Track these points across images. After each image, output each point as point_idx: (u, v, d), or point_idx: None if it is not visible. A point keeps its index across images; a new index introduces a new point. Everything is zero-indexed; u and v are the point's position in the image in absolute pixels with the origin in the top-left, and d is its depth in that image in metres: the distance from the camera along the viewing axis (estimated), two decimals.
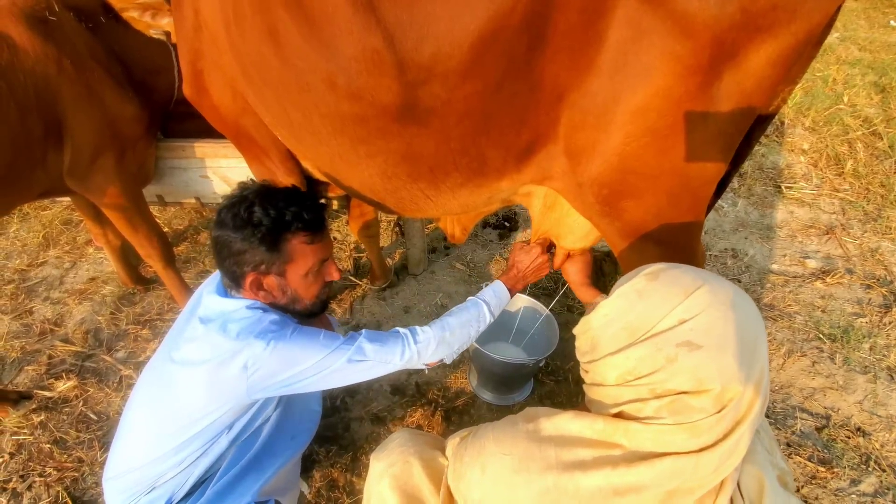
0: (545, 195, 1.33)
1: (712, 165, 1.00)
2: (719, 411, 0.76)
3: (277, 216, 1.10)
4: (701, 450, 0.77)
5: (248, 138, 1.48)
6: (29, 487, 1.69)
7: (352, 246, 2.66)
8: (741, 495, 0.87)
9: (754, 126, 1.06)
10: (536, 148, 1.12)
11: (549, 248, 1.54)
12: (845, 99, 3.75)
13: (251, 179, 1.19)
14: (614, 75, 0.91)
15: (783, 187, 3.00)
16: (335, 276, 1.26)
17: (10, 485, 1.69)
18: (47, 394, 1.95)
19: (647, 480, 0.79)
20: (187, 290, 2.15)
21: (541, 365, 1.86)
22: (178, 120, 2.03)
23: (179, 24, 1.39)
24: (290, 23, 1.06)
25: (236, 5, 1.15)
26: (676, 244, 1.15)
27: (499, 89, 1.00)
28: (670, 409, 0.78)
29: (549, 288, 2.41)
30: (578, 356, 0.96)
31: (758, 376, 0.79)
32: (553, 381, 2.02)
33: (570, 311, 2.30)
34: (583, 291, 1.44)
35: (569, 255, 1.46)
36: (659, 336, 0.80)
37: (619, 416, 0.85)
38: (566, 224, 1.33)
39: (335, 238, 2.72)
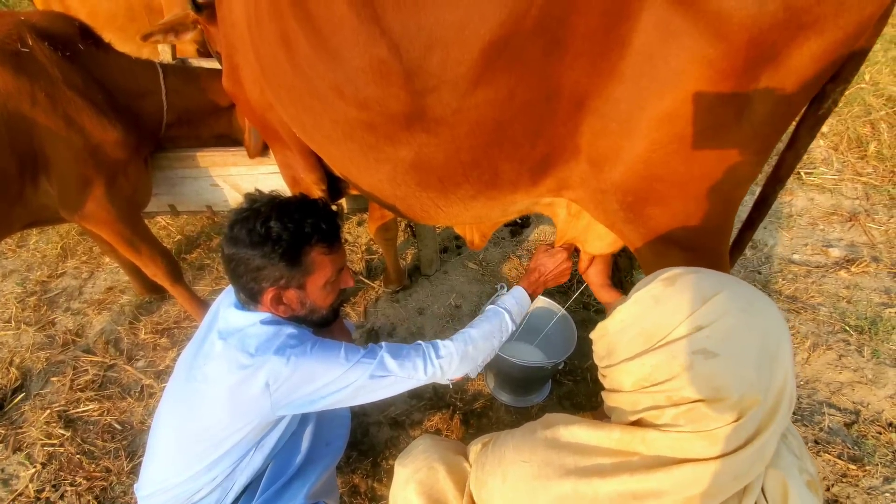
0: (568, 204, 1.29)
1: (746, 168, 0.96)
2: (737, 420, 0.75)
3: (296, 230, 1.08)
4: (720, 456, 0.77)
5: (274, 132, 1.51)
6: (61, 497, 1.72)
7: (363, 248, 2.65)
8: (765, 499, 0.86)
9: (800, 132, 1.01)
10: (552, 160, 1.09)
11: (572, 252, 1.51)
12: (867, 77, 3.61)
13: (258, 191, 1.17)
14: (639, 80, 0.87)
15: (802, 173, 2.91)
16: (350, 284, 1.26)
17: (44, 494, 1.73)
18: (73, 406, 1.98)
19: (667, 487, 0.79)
20: (199, 302, 2.15)
21: (560, 367, 1.85)
22: (171, 141, 2.02)
23: (221, 19, 1.43)
24: (300, 32, 1.05)
25: (257, 9, 1.16)
26: (704, 248, 1.11)
27: (512, 98, 0.97)
28: (687, 417, 0.77)
29: (564, 286, 2.38)
30: (596, 360, 0.96)
31: (780, 383, 0.78)
32: (571, 381, 2.01)
33: (586, 309, 2.27)
34: (603, 293, 1.43)
35: (593, 259, 1.45)
36: (674, 343, 0.79)
37: (637, 423, 0.85)
38: (595, 231, 1.30)
39: (346, 240, 2.71)
